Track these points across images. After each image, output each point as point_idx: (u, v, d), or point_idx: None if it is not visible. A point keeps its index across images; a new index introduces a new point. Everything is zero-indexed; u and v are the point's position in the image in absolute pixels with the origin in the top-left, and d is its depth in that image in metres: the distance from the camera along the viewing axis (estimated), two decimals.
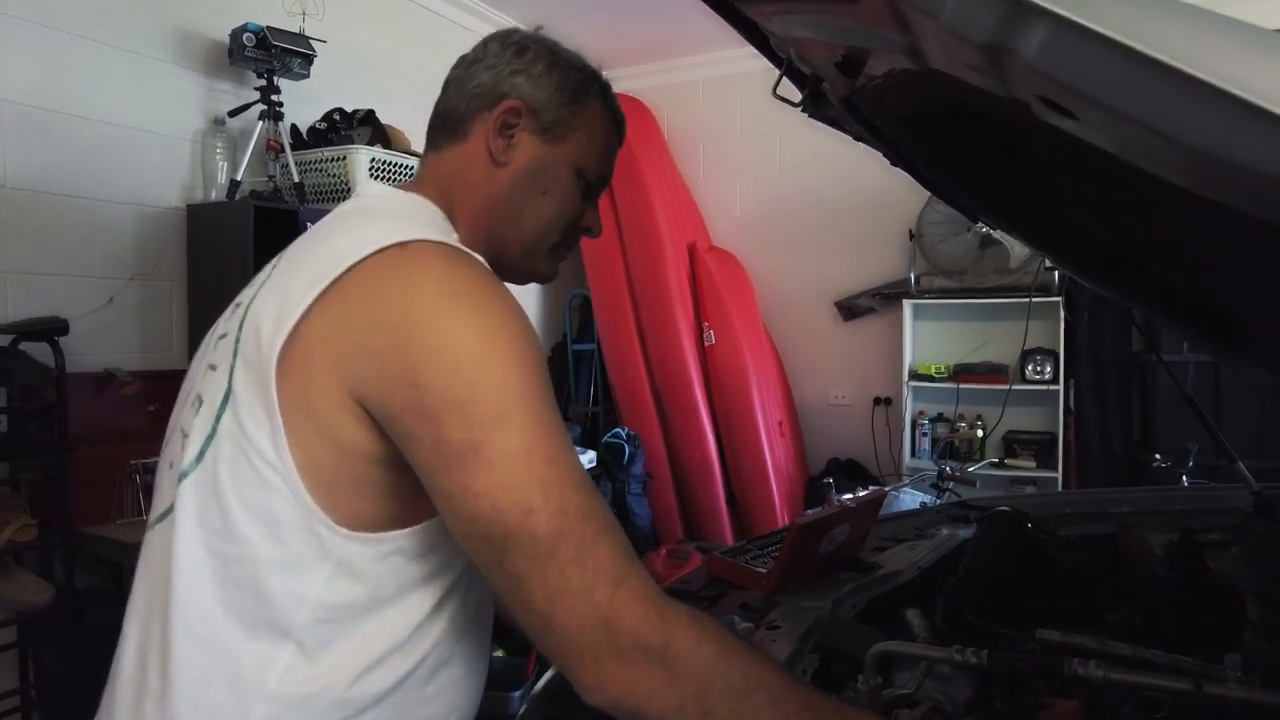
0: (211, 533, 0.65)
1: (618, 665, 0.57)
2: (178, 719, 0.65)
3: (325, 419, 0.62)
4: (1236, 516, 1.25)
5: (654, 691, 0.57)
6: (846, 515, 1.25)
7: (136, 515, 2.16)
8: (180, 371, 2.81)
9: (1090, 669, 0.79)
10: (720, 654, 0.60)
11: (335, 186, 2.68)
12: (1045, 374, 3.58)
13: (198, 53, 2.58)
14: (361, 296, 0.62)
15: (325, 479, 0.63)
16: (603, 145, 0.83)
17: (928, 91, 0.63)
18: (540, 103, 0.79)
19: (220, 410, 0.66)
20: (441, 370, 0.59)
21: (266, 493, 0.63)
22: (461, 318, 0.61)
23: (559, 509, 0.58)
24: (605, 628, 0.57)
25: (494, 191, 0.79)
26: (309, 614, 0.64)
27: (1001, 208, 1.25)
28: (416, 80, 3.46)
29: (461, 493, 0.59)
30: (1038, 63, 0.34)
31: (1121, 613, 1.13)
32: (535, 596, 0.58)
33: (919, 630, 1.04)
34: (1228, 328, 1.09)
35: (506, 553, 0.58)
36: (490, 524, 0.58)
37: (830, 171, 4.07)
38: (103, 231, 2.36)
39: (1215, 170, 0.34)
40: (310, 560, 0.64)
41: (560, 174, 0.79)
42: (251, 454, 0.63)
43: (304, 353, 0.63)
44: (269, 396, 0.63)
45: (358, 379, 0.61)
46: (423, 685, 0.71)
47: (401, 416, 0.60)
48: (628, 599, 0.58)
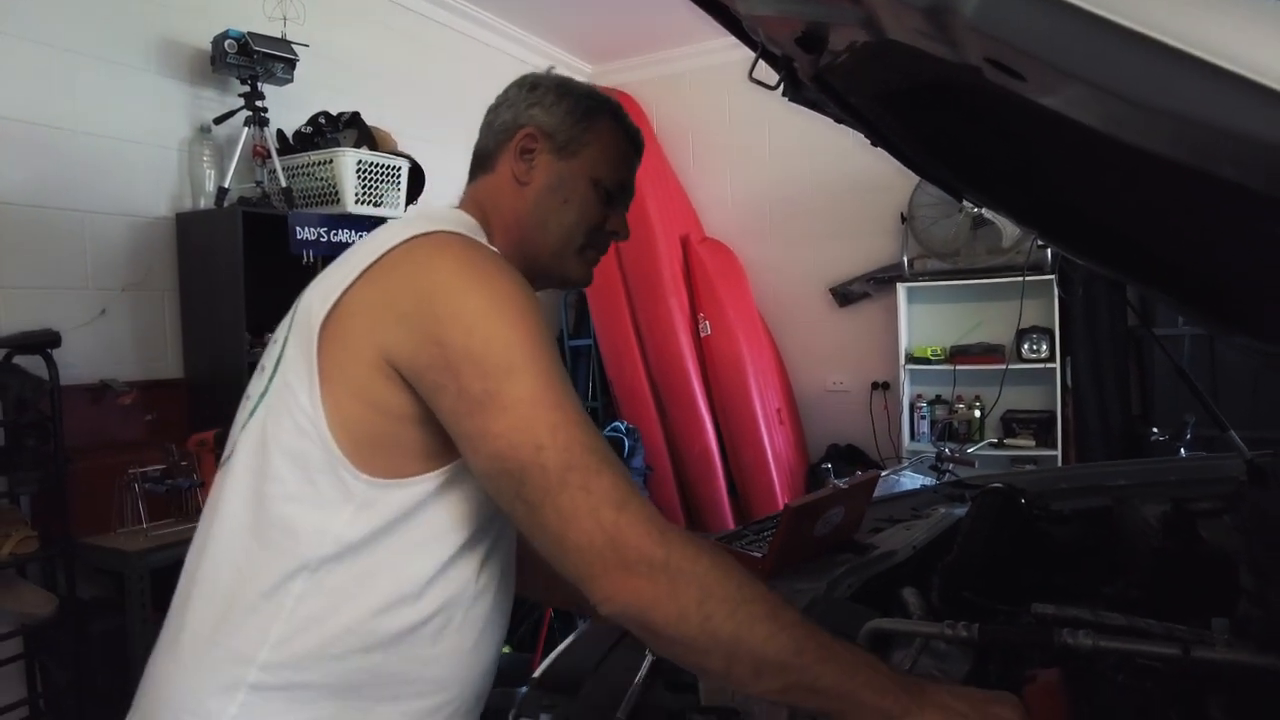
0: (254, 473, 0.76)
1: (624, 577, 0.64)
2: (210, 632, 0.75)
3: (357, 377, 0.72)
4: (1230, 485, 1.26)
5: (657, 600, 0.64)
6: (840, 497, 1.26)
7: (136, 524, 2.16)
8: (176, 380, 2.80)
9: (1079, 639, 0.80)
10: (716, 566, 0.66)
11: (323, 190, 2.68)
12: (1041, 352, 3.58)
13: (181, 61, 2.58)
14: (394, 271, 0.74)
15: (351, 429, 0.73)
16: (616, 155, 0.92)
17: (891, 64, 0.63)
18: (553, 126, 0.90)
19: (274, 371, 0.78)
20: (459, 330, 0.70)
21: (300, 438, 0.73)
22: (475, 288, 0.72)
23: (565, 444, 0.67)
24: (611, 545, 0.64)
25: (521, 207, 0.90)
26: (330, 548, 0.73)
27: (985, 184, 1.25)
28: (401, 81, 3.45)
29: (482, 434, 0.69)
30: (978, 22, 0.34)
31: (1116, 584, 1.14)
32: (549, 520, 0.66)
33: (915, 609, 1.05)
34: (1217, 298, 1.09)
35: (523, 484, 0.67)
36: (508, 459, 0.67)
37: (820, 158, 4.06)
38: (93, 243, 2.36)
39: (1158, 124, 0.34)
40: (335, 500, 0.73)
41: (577, 184, 0.90)
42: (292, 405, 0.74)
43: (344, 319, 0.73)
44: (311, 355, 0.73)
45: (389, 340, 0.71)
46: (429, 643, 0.78)
47: (427, 371, 0.70)
48: (630, 519, 0.65)
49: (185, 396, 2.55)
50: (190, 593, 0.78)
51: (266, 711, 0.73)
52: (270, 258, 2.51)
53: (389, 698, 0.77)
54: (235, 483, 0.77)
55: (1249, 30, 0.29)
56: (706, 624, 0.64)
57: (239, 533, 0.76)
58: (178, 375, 2.56)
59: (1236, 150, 0.33)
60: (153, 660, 0.80)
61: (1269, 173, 0.34)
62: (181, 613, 0.78)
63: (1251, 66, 0.29)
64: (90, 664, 2.08)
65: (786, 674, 0.63)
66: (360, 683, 0.75)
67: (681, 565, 0.65)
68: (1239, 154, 0.33)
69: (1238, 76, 0.29)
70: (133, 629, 2.00)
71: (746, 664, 0.64)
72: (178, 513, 2.26)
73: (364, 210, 2.71)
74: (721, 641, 0.64)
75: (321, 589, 0.74)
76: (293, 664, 0.73)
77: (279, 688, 0.73)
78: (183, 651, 0.76)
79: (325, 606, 0.74)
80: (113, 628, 2.07)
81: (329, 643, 0.74)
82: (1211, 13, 0.29)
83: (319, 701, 0.74)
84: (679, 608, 0.64)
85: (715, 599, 0.64)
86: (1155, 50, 0.29)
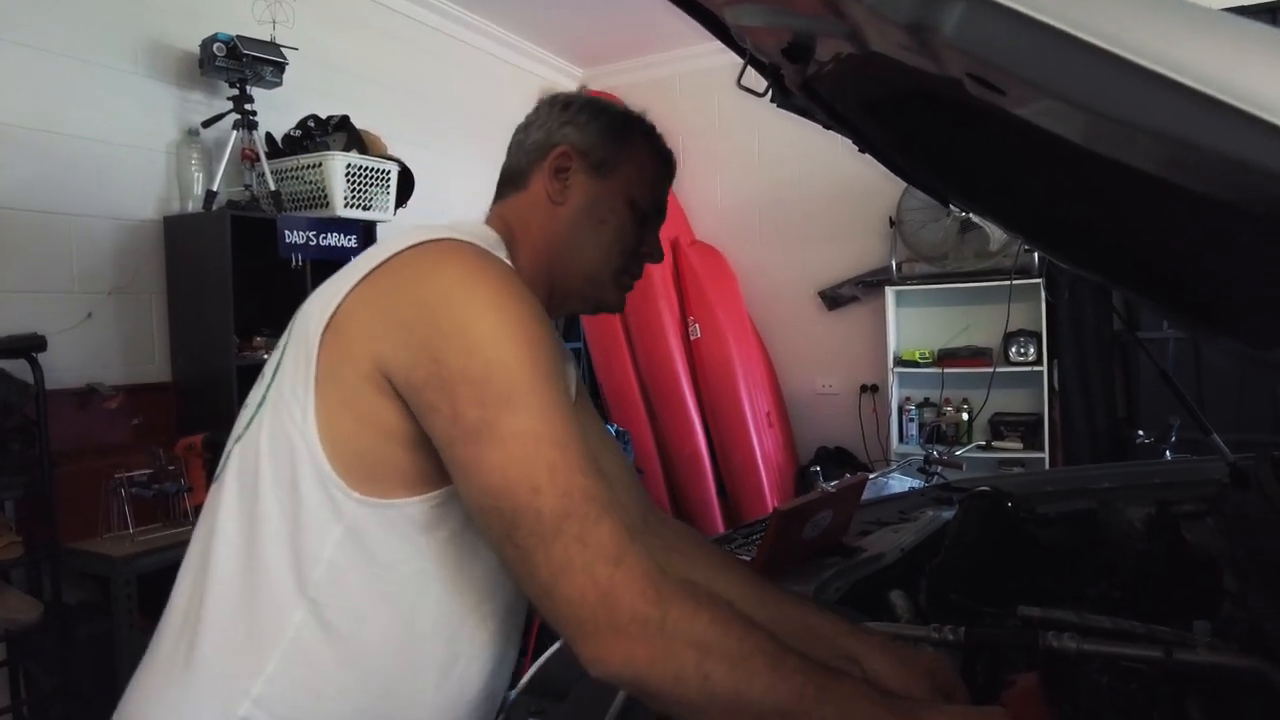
0: (247, 490, 0.72)
1: (615, 639, 0.61)
2: (204, 659, 0.71)
3: (350, 388, 0.69)
4: (1213, 488, 1.27)
5: (652, 662, 0.61)
6: (828, 501, 1.26)
7: (123, 529, 2.15)
8: (164, 384, 2.78)
9: (1064, 641, 0.80)
10: (716, 622, 0.63)
11: (312, 194, 2.67)
12: (1029, 355, 3.61)
13: (168, 64, 2.57)
14: (395, 276, 0.70)
15: (341, 446, 0.69)
16: (651, 175, 0.89)
17: (877, 74, 0.63)
18: (588, 145, 0.86)
19: (270, 382, 0.75)
20: (459, 348, 0.65)
21: (292, 454, 0.69)
22: (481, 303, 0.67)
23: (564, 490, 0.63)
24: (604, 603, 0.61)
25: (553, 229, 0.86)
26: (322, 573, 0.69)
27: (971, 191, 1.26)
28: (390, 84, 3.45)
29: (475, 465, 0.64)
30: (957, 39, 0.35)
31: (1100, 586, 1.15)
32: (540, 571, 0.62)
33: (902, 611, 1.05)
34: (1200, 302, 1.10)
35: (515, 527, 0.63)
36: (501, 497, 0.63)
37: (809, 162, 4.08)
38: (79, 246, 2.34)
39: (1131, 138, 0.35)
40: (325, 521, 0.69)
41: (614, 204, 0.86)
42: (285, 418, 0.70)
43: (342, 328, 0.70)
44: (309, 367, 0.70)
45: (385, 351, 0.67)
46: (432, 689, 0.75)
47: (423, 389, 0.66)
48: (626, 576, 0.61)
49: (173, 400, 2.54)
50: (187, 611, 0.74)
51: None
52: (259, 261, 2.50)
53: None
54: (228, 499, 0.74)
55: (1218, 51, 0.30)
56: (705, 683, 0.61)
57: (235, 555, 0.72)
58: (165, 379, 2.55)
59: (1204, 165, 0.34)
60: (140, 676, 0.77)
61: (1234, 186, 0.35)
62: (176, 631, 0.74)
63: (1220, 86, 0.29)
64: (76, 670, 2.06)
65: (786, 719, 0.61)
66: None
67: (679, 625, 0.61)
68: (1207, 168, 0.34)
69: (1205, 96, 0.30)
70: (119, 635, 1.99)
71: (747, 716, 0.61)
72: (164, 518, 2.25)
73: (353, 214, 2.71)
74: (720, 699, 0.61)
75: (320, 621, 0.70)
76: (287, 700, 0.70)
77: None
78: (173, 672, 0.73)
79: (323, 640, 0.70)
80: (99, 633, 2.05)
81: (326, 679, 0.71)
82: (1182, 34, 0.30)
83: None
84: (675, 669, 0.61)
85: (714, 658, 0.61)
86: (1127, 69, 0.30)
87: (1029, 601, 0.99)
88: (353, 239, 2.72)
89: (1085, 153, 0.44)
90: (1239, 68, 0.30)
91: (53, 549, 2.06)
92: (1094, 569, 1.24)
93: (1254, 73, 0.31)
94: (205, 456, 2.23)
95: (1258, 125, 0.30)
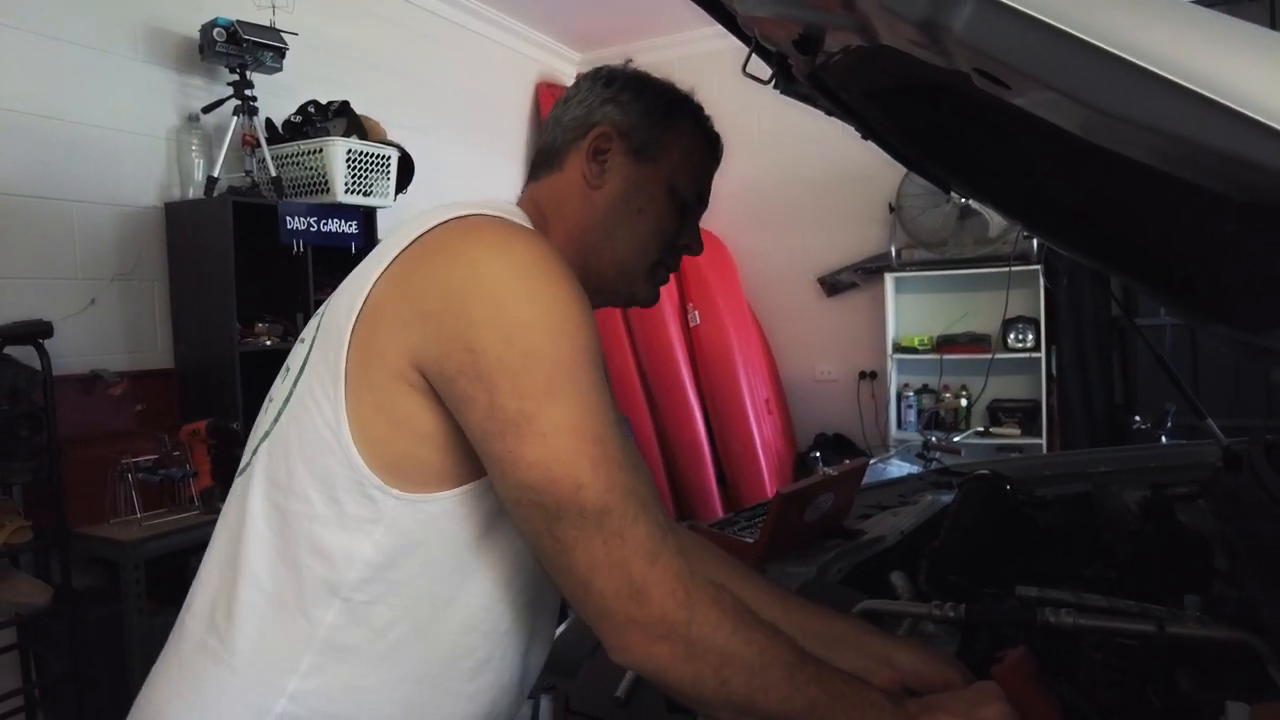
0: (278, 488, 0.70)
1: (642, 635, 0.61)
2: (238, 656, 0.69)
3: (384, 392, 0.66)
4: (1206, 471, 1.29)
5: (674, 662, 0.62)
6: (829, 484, 1.28)
7: (130, 514, 2.16)
8: (166, 370, 2.79)
9: (1061, 617, 0.82)
10: (739, 630, 0.63)
11: (313, 179, 2.68)
12: (1027, 342, 3.63)
13: (168, 49, 2.56)
14: (422, 261, 0.66)
15: (379, 446, 0.67)
16: (696, 162, 0.83)
17: (885, 66, 0.65)
18: (630, 126, 0.80)
19: (299, 376, 0.71)
20: (497, 337, 0.62)
21: (325, 453, 0.67)
22: (518, 286, 0.64)
23: (606, 486, 0.62)
24: (636, 599, 0.61)
25: (588, 213, 0.80)
26: (359, 573, 0.68)
27: (973, 178, 1.27)
28: (390, 69, 3.44)
29: (514, 461, 0.62)
30: (967, 37, 0.36)
31: (1096, 567, 1.17)
32: (578, 563, 0.62)
33: (903, 592, 1.07)
34: (1196, 289, 1.12)
35: (557, 521, 0.62)
36: (543, 493, 0.62)
37: (809, 147, 4.08)
38: (81, 233, 2.35)
39: (1131, 133, 0.36)
40: (363, 520, 0.67)
41: (654, 192, 0.80)
42: (316, 415, 0.67)
43: (370, 322, 0.66)
44: (339, 362, 0.67)
45: (414, 341, 0.64)
46: (467, 679, 0.74)
47: (457, 379, 0.63)
48: (659, 575, 0.62)
49: (175, 387, 2.55)
50: (213, 607, 0.72)
51: None
52: (260, 248, 2.51)
53: None
54: (258, 495, 0.71)
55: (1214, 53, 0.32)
56: (722, 688, 0.62)
57: (267, 553, 0.70)
58: (168, 365, 2.56)
59: (1196, 159, 0.36)
60: (164, 669, 0.75)
61: (1224, 178, 0.36)
62: (204, 627, 0.72)
63: (1212, 86, 0.31)
64: (86, 653, 2.09)
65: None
66: (392, 716, 0.71)
67: (703, 631, 0.62)
68: (1199, 162, 0.36)
69: (1201, 96, 0.31)
70: (128, 619, 2.01)
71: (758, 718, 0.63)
72: (171, 503, 2.26)
73: (354, 200, 2.71)
74: (735, 704, 0.62)
75: (355, 618, 0.69)
76: (324, 694, 0.69)
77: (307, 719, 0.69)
78: (204, 667, 0.71)
79: (359, 637, 0.69)
80: (108, 617, 2.07)
81: (362, 674, 0.69)
82: (1179, 37, 0.32)
83: None
84: (695, 672, 0.62)
85: (734, 666, 0.62)
86: (1127, 69, 0.32)
87: (1026, 582, 1.01)
88: (353, 225, 2.72)
89: (1085, 143, 0.46)
90: (1231, 67, 0.31)
91: (61, 534, 2.08)
92: (1090, 550, 1.27)
93: (1244, 72, 0.33)
94: (210, 442, 2.25)
95: (1247, 124, 0.32)
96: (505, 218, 0.70)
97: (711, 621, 0.62)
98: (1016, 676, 0.69)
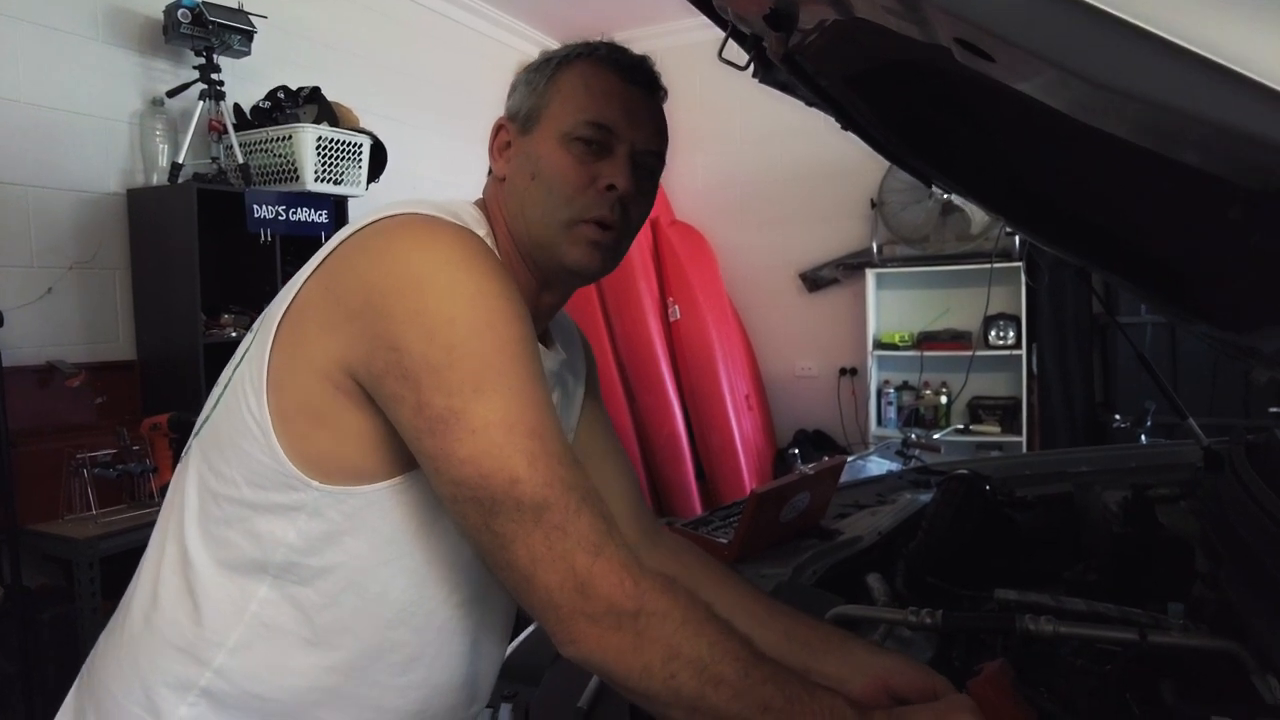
0: (212, 472, 0.71)
1: (590, 626, 0.60)
2: (171, 628, 0.70)
3: (307, 392, 0.66)
4: (1187, 472, 1.28)
5: (622, 653, 0.61)
6: (806, 483, 1.25)
7: (85, 511, 2.10)
8: (128, 362, 2.71)
9: (1040, 625, 0.80)
10: (689, 623, 0.62)
11: (282, 167, 2.61)
12: (1008, 339, 3.63)
13: (130, 30, 2.48)
14: (347, 262, 0.67)
15: (300, 443, 0.67)
16: (584, 96, 0.75)
17: (861, 44, 0.61)
18: (515, 107, 0.79)
19: (237, 366, 0.72)
20: (419, 334, 0.62)
21: (250, 442, 0.68)
22: (439, 281, 0.63)
23: (545, 480, 0.61)
24: (581, 591, 0.60)
25: (505, 201, 0.78)
26: (284, 556, 0.68)
27: (954, 170, 1.25)
28: (362, 55, 3.37)
29: (445, 457, 0.62)
30: (947, 2, 0.32)
31: (1076, 569, 1.15)
32: (519, 558, 0.61)
33: (880, 594, 1.05)
34: (1178, 287, 1.10)
35: (494, 516, 0.61)
36: (477, 488, 0.61)
37: (791, 142, 4.05)
38: (38, 219, 2.27)
39: (1125, 108, 0.33)
40: (286, 508, 0.68)
41: (542, 150, 0.75)
42: (244, 407, 0.68)
43: (298, 318, 0.67)
44: (265, 354, 0.67)
45: (344, 345, 0.64)
46: (397, 673, 0.73)
47: (384, 379, 0.63)
48: (604, 567, 0.61)
49: (137, 379, 2.48)
50: (155, 580, 0.73)
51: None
52: (227, 236, 2.44)
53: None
54: (193, 477, 0.72)
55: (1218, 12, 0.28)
56: (670, 682, 0.60)
57: (200, 532, 0.71)
58: (129, 357, 2.48)
59: (1202, 136, 0.32)
60: (105, 639, 0.77)
61: (1233, 159, 0.33)
62: (144, 598, 0.73)
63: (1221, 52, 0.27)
64: (38, 653, 2.02)
65: None
66: (316, 702, 0.71)
67: (650, 621, 0.61)
68: (1204, 140, 0.32)
69: (1206, 60, 0.27)
70: (81, 618, 1.95)
71: (709, 718, 0.61)
72: (129, 499, 2.20)
73: (324, 188, 2.65)
74: (684, 699, 0.61)
75: (284, 597, 0.69)
76: (248, 673, 0.69)
77: (231, 697, 0.69)
78: (137, 637, 0.72)
79: (288, 617, 0.69)
80: (61, 616, 2.01)
81: (288, 655, 0.70)
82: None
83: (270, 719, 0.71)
84: (643, 663, 0.61)
85: (682, 659, 0.61)
86: (1123, 32, 0.28)
87: (1006, 584, 0.99)
88: (324, 214, 2.66)
89: (1069, 131, 0.42)
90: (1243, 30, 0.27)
91: (11, 531, 2.01)
92: (1071, 552, 1.25)
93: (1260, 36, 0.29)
94: (171, 436, 2.18)
95: (1252, 90, 0.28)
96: (434, 215, 0.69)
97: (660, 612, 0.61)
98: (994, 688, 0.66)
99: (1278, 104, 0.28)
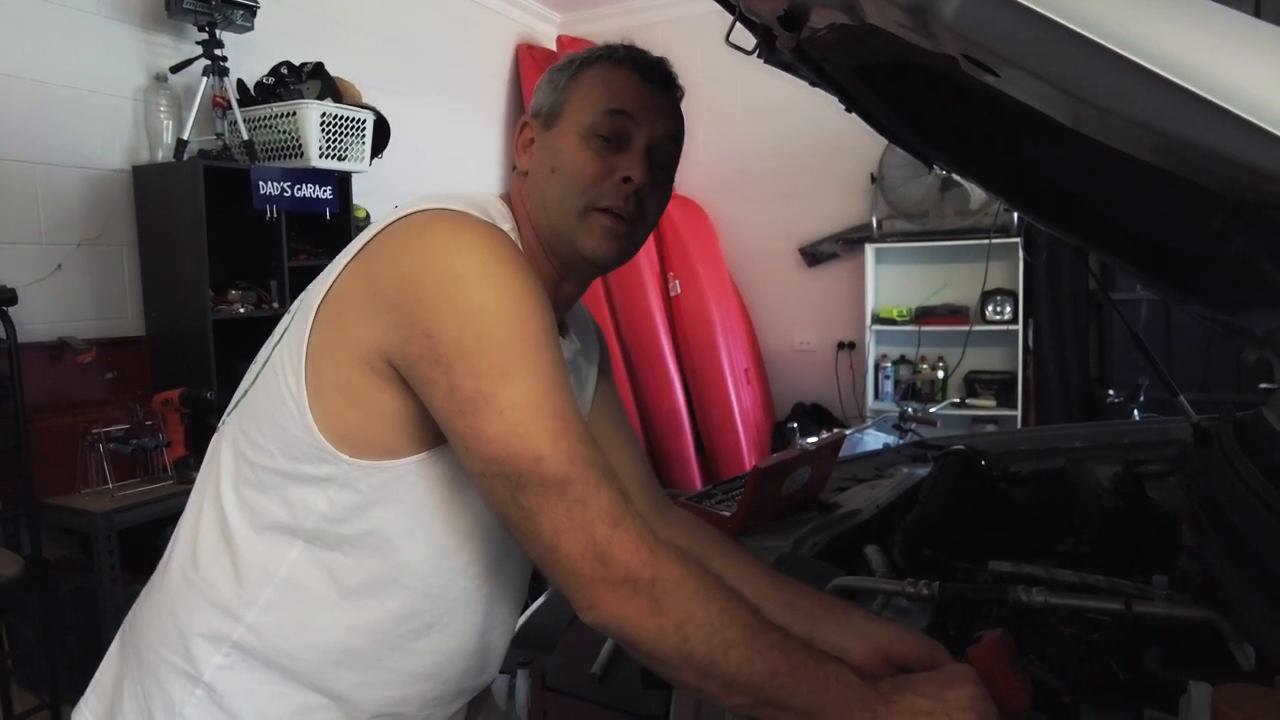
0: (248, 442, 0.76)
1: (609, 592, 0.64)
2: (208, 586, 0.76)
3: (345, 373, 0.71)
4: (1178, 448, 1.31)
5: (639, 618, 0.65)
6: (807, 458, 1.29)
7: (101, 484, 2.14)
8: (138, 338, 2.73)
9: (1032, 595, 0.84)
10: (701, 590, 0.66)
11: (286, 143, 2.61)
12: (1005, 314, 3.65)
13: (133, 5, 2.47)
14: (383, 253, 0.71)
15: (335, 420, 0.72)
16: (600, 92, 0.80)
17: (870, 44, 0.63)
18: (539, 105, 0.84)
19: (277, 344, 0.77)
20: (451, 322, 0.66)
21: (287, 417, 0.73)
22: (471, 274, 0.68)
23: (567, 457, 0.66)
24: (600, 560, 0.64)
25: (527, 195, 0.84)
26: (314, 523, 0.74)
27: (955, 153, 1.27)
28: (366, 30, 3.35)
29: (475, 437, 0.66)
30: (956, 24, 0.35)
31: (1069, 542, 1.19)
32: (543, 529, 0.66)
33: (877, 566, 1.08)
34: (1172, 267, 1.13)
35: (520, 490, 0.66)
36: (505, 465, 0.66)
37: (792, 116, 4.04)
38: (46, 196, 2.28)
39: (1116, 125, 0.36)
40: (318, 479, 0.73)
41: (562, 144, 0.80)
42: (282, 383, 0.73)
43: (336, 306, 0.72)
44: (303, 343, 0.73)
45: (381, 332, 0.69)
46: (415, 637, 0.78)
47: (418, 363, 0.68)
48: (623, 537, 0.65)
49: (147, 354, 2.50)
50: (193, 540, 0.79)
51: (246, 677, 0.75)
52: (233, 213, 2.45)
53: (366, 682, 0.78)
54: (228, 447, 0.78)
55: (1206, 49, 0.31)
56: (683, 646, 0.64)
57: (236, 497, 0.76)
58: (139, 333, 2.51)
59: (1188, 156, 0.35)
60: (145, 595, 0.83)
61: (1215, 177, 0.36)
62: (183, 557, 0.79)
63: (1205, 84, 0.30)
64: (59, 624, 2.07)
65: (758, 694, 0.65)
66: (337, 662, 0.77)
67: (666, 588, 0.65)
68: (1190, 160, 0.35)
69: (1190, 93, 0.31)
70: (101, 589, 2.00)
71: (719, 683, 0.65)
72: (143, 473, 2.24)
73: (328, 164, 2.66)
74: (696, 663, 0.64)
75: (314, 560, 0.75)
76: (277, 629, 0.75)
77: (261, 652, 0.75)
78: (176, 592, 0.78)
79: (316, 579, 0.75)
80: (80, 588, 2.06)
81: (314, 614, 0.75)
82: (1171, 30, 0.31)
83: (296, 675, 0.76)
84: (658, 628, 0.64)
85: (694, 624, 0.64)
86: (1117, 63, 0.31)
87: (1000, 557, 1.03)
88: (328, 190, 2.67)
89: (1068, 129, 0.45)
90: (1222, 64, 0.31)
91: (30, 504, 2.05)
92: (1063, 526, 1.29)
93: (1235, 69, 0.32)
94: (183, 411, 2.22)
95: (1236, 123, 0.31)
96: (465, 210, 0.73)
97: (675, 579, 0.65)
98: (993, 658, 0.69)
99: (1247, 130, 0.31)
